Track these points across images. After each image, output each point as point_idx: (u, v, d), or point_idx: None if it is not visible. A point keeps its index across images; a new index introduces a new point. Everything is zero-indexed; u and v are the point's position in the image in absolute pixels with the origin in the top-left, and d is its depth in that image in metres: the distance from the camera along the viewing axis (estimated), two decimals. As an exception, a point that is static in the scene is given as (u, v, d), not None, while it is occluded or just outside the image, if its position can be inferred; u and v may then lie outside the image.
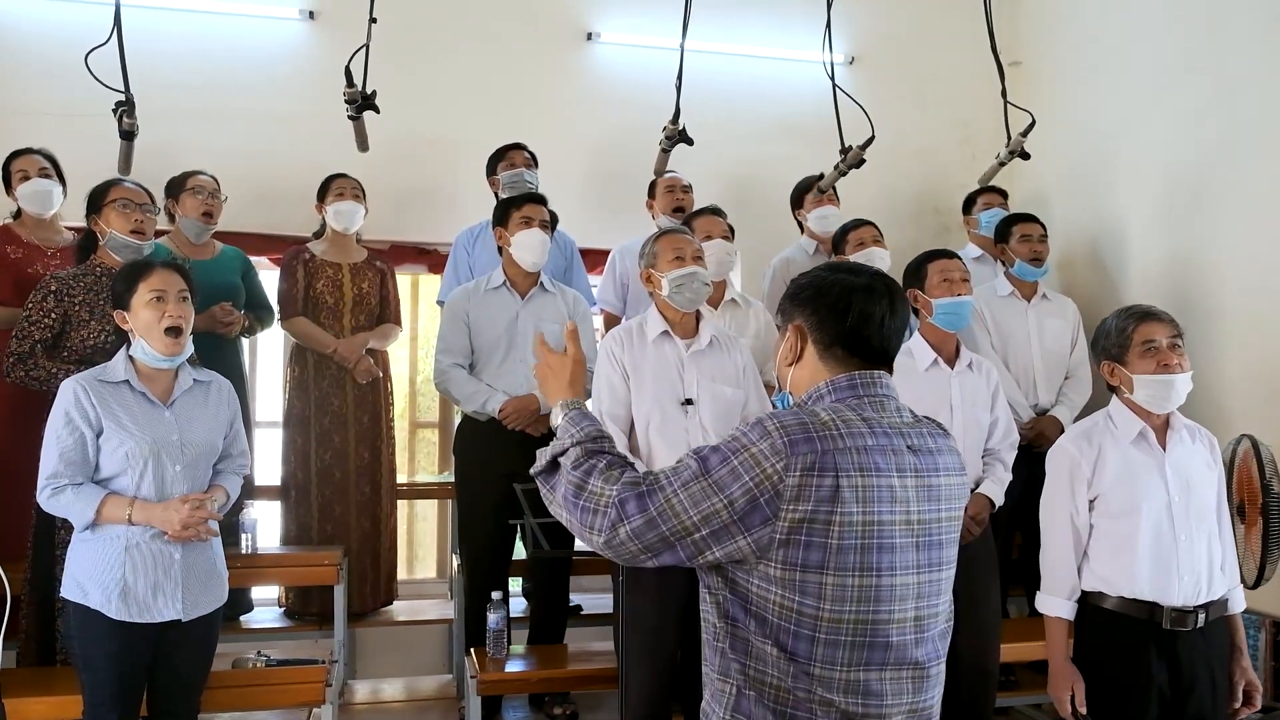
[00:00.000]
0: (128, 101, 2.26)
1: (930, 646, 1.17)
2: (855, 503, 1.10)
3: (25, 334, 2.32)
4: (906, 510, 1.14)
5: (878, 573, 1.11)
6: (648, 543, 1.13)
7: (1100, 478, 1.91)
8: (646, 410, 2.24)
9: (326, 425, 2.97)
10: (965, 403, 2.34)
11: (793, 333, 1.24)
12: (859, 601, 1.11)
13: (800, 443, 1.10)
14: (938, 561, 1.18)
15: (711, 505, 1.10)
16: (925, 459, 1.18)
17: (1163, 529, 1.87)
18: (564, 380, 1.30)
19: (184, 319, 2.00)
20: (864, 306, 1.20)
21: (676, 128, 2.64)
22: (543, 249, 2.67)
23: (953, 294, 2.34)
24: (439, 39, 3.43)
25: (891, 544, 1.12)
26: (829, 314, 1.20)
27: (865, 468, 1.12)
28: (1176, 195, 3.03)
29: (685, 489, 1.12)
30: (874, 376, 1.20)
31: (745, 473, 1.10)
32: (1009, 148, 2.68)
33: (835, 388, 1.20)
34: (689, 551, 1.12)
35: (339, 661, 2.65)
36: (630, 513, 1.12)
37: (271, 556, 2.78)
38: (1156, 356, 1.87)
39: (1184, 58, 3.00)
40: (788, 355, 1.24)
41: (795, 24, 3.58)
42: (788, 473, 1.09)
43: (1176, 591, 1.85)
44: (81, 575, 1.95)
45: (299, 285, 2.95)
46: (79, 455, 1.94)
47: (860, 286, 1.21)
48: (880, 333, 1.20)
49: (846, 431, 1.13)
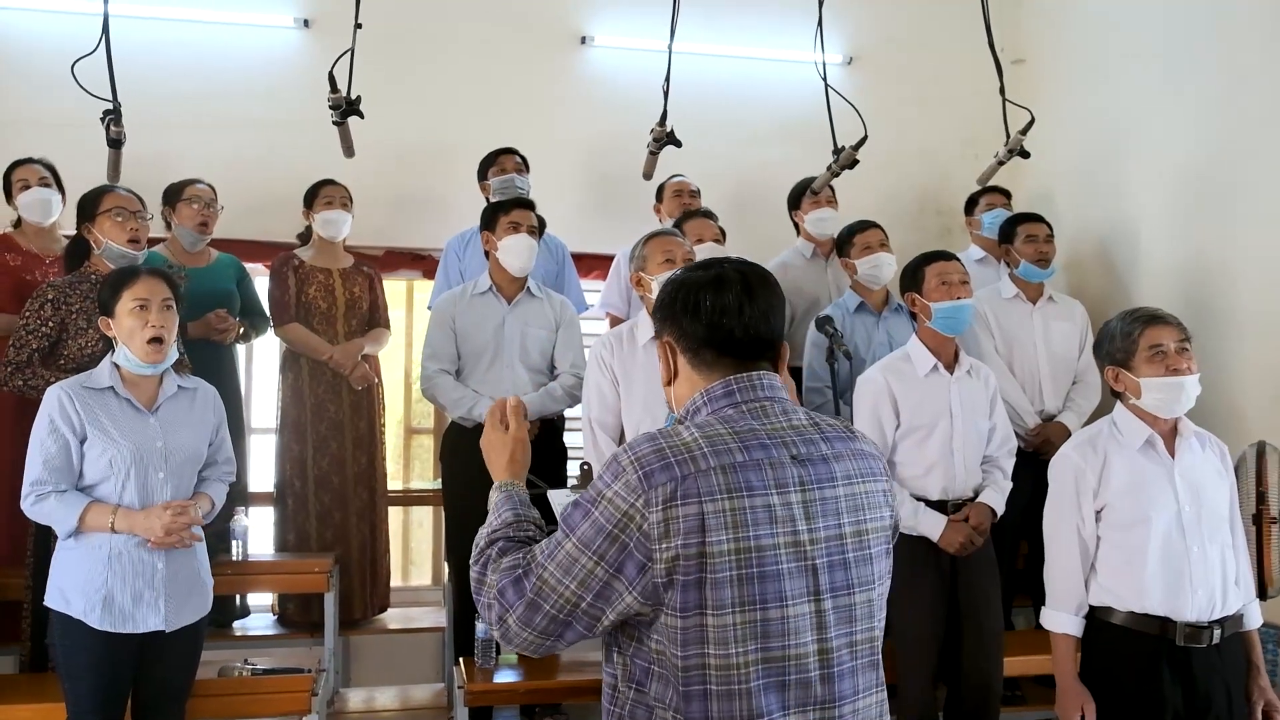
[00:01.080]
0: (115, 110, 2.27)
1: (846, 682, 1.05)
2: (723, 529, 1.00)
3: (22, 342, 2.32)
4: (793, 531, 1.03)
5: (762, 605, 1.00)
6: (539, 627, 1.04)
7: (1107, 487, 1.84)
8: (637, 418, 2.21)
9: (324, 431, 2.96)
10: (965, 409, 2.28)
11: (662, 349, 1.16)
12: (744, 640, 1.00)
13: (656, 473, 1.01)
14: (846, 584, 1.06)
15: (583, 567, 1.02)
16: (816, 468, 1.06)
17: (1173, 540, 1.80)
18: (504, 459, 1.22)
19: (166, 328, 2.00)
20: (715, 299, 1.10)
21: (664, 130, 2.61)
22: (530, 254, 2.64)
23: (951, 297, 2.27)
24: (431, 44, 3.42)
25: (776, 571, 1.01)
26: (685, 317, 1.12)
27: (733, 488, 1.01)
28: (1186, 193, 2.95)
29: (552, 559, 1.04)
30: (751, 379, 1.10)
31: (607, 521, 1.02)
32: (1008, 146, 2.63)
33: (710, 398, 1.10)
34: (585, 623, 1.04)
35: (327, 670, 2.63)
36: (511, 600, 1.05)
37: (262, 564, 2.77)
38: (1164, 361, 1.80)
39: (1191, 52, 2.92)
40: (664, 374, 1.16)
41: (792, 25, 3.51)
42: (649, 509, 1.00)
43: (1190, 606, 1.78)
44: (64, 583, 1.95)
45: (290, 291, 2.95)
46: (63, 462, 1.94)
47: (708, 280, 1.12)
48: (741, 321, 1.10)
49: (710, 450, 1.03)
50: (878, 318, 2.82)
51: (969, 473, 2.29)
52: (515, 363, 2.64)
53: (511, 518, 1.15)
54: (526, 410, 1.28)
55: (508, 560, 1.08)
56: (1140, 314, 1.87)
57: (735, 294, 1.11)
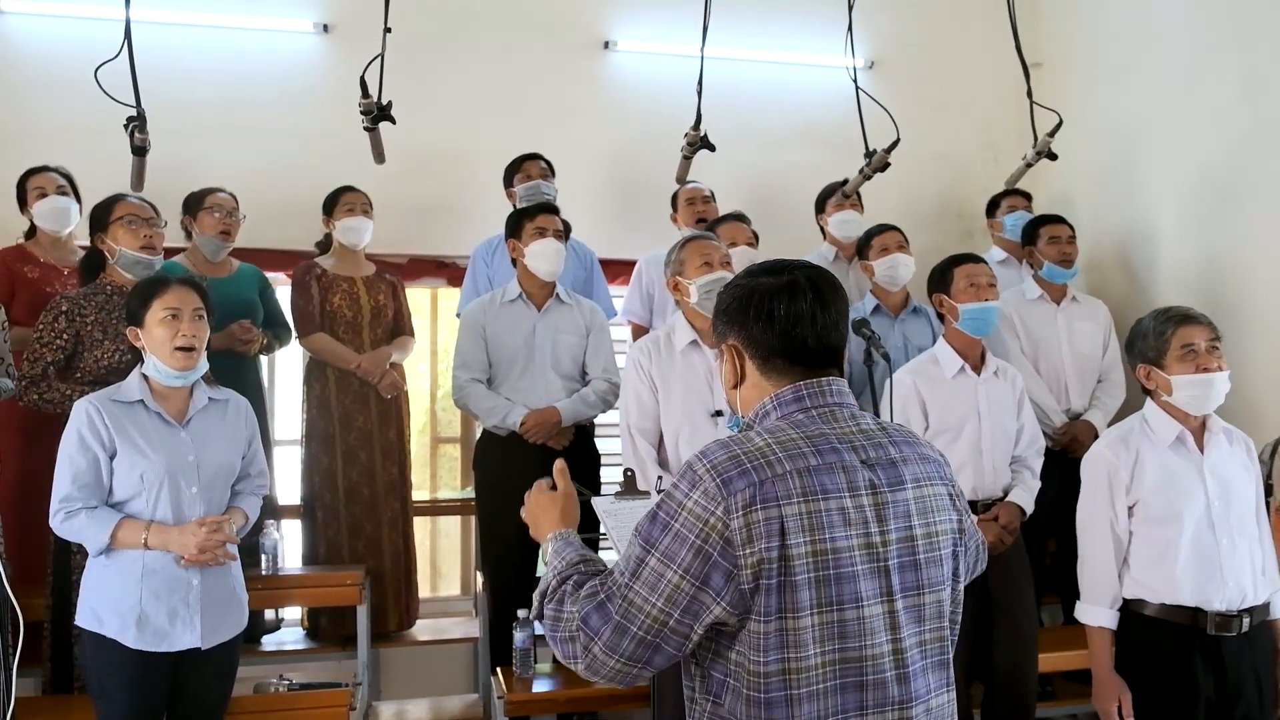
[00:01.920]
0: (139, 116, 2.24)
1: (919, 681, 1.06)
2: (801, 532, 1.00)
3: (37, 356, 2.28)
4: (866, 533, 1.03)
5: (839, 606, 1.01)
6: (627, 653, 1.02)
7: (1139, 483, 1.89)
8: (676, 423, 2.19)
9: (352, 442, 2.92)
10: (992, 410, 2.30)
11: (728, 353, 1.15)
12: (822, 641, 1.00)
13: (734, 479, 1.01)
14: (916, 585, 1.06)
15: (669, 582, 1.00)
16: (886, 472, 1.07)
17: (1204, 534, 1.86)
18: (554, 515, 1.21)
19: (198, 338, 1.97)
20: (789, 307, 1.10)
21: (698, 134, 2.59)
22: (558, 258, 2.62)
23: (979, 299, 2.30)
24: (454, 50, 3.40)
25: (851, 572, 1.02)
26: (756, 325, 1.11)
27: (809, 492, 1.02)
28: (1206, 194, 2.96)
29: (637, 578, 1.02)
30: (821, 385, 1.11)
31: (690, 533, 1.01)
32: (1036, 148, 2.63)
33: (780, 403, 1.10)
34: (675, 643, 1.02)
35: (363, 684, 2.59)
36: (596, 627, 1.03)
37: (293, 578, 2.74)
38: (1195, 360, 1.86)
39: (1210, 54, 2.93)
40: (730, 378, 1.15)
41: (814, 29, 3.54)
42: (730, 516, 1.00)
43: (1220, 597, 1.84)
44: (96, 602, 1.91)
45: (315, 300, 2.91)
46: (92, 478, 1.90)
47: (780, 287, 1.11)
48: (815, 330, 1.10)
49: (784, 455, 1.03)
50: (894, 320, 2.82)
51: (998, 472, 2.31)
52: (547, 369, 2.62)
53: (577, 558, 1.14)
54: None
55: (587, 588, 1.07)
56: (1173, 314, 1.92)
57: (809, 302, 1.10)
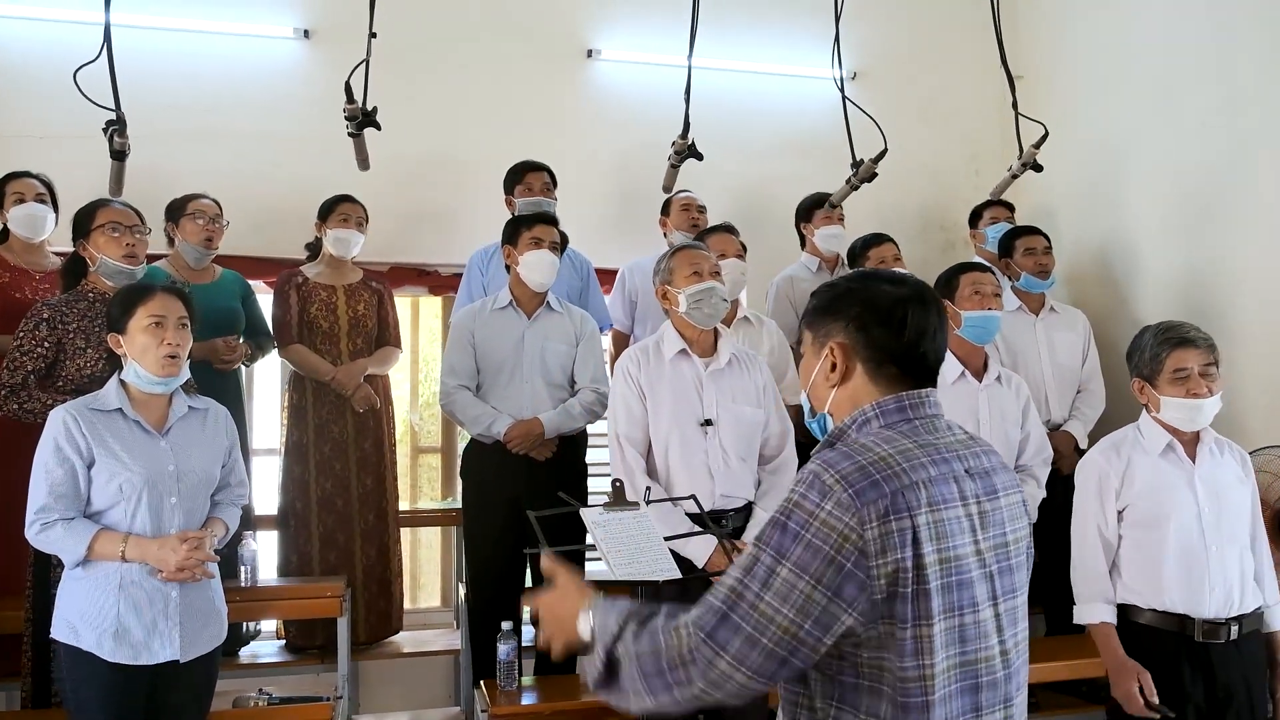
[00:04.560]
0: (119, 120, 2.21)
1: (1018, 679, 1.11)
2: (930, 540, 1.02)
3: (17, 364, 2.22)
4: (975, 540, 1.07)
5: (960, 611, 1.04)
6: (755, 665, 1.00)
7: (1129, 488, 1.95)
8: (665, 432, 2.19)
9: (327, 453, 2.89)
10: (994, 417, 2.33)
11: (836, 350, 1.12)
12: (948, 646, 1.03)
13: (866, 490, 1.01)
14: (1012, 588, 1.11)
15: (802, 593, 0.99)
16: (983, 481, 1.11)
17: (1192, 540, 1.90)
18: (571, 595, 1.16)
19: (181, 347, 1.93)
20: (919, 320, 1.10)
21: (686, 142, 2.60)
22: (550, 270, 2.61)
23: (983, 307, 2.33)
24: (435, 58, 3.38)
25: (969, 578, 1.05)
26: (880, 329, 1.10)
27: (934, 502, 1.04)
28: (1187, 205, 3.01)
29: (768, 588, 1.00)
30: (923, 396, 1.12)
31: (823, 543, 1.00)
32: (1021, 160, 2.67)
33: (883, 411, 1.10)
34: (805, 655, 1.00)
35: (344, 697, 2.55)
36: (723, 640, 1.00)
37: (272, 589, 2.68)
38: (1186, 385, 1.91)
39: (1192, 66, 2.98)
40: (830, 376, 1.13)
41: (798, 40, 3.57)
42: (864, 526, 1.00)
43: (1207, 603, 1.88)
44: (73, 615, 1.86)
45: (293, 310, 2.87)
46: (69, 488, 1.86)
47: (911, 297, 1.11)
48: (934, 344, 1.12)
49: (908, 465, 1.05)
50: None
51: None
52: (535, 377, 2.60)
53: (631, 608, 1.09)
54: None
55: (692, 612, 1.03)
56: (1171, 335, 1.95)
57: (934, 318, 1.12)
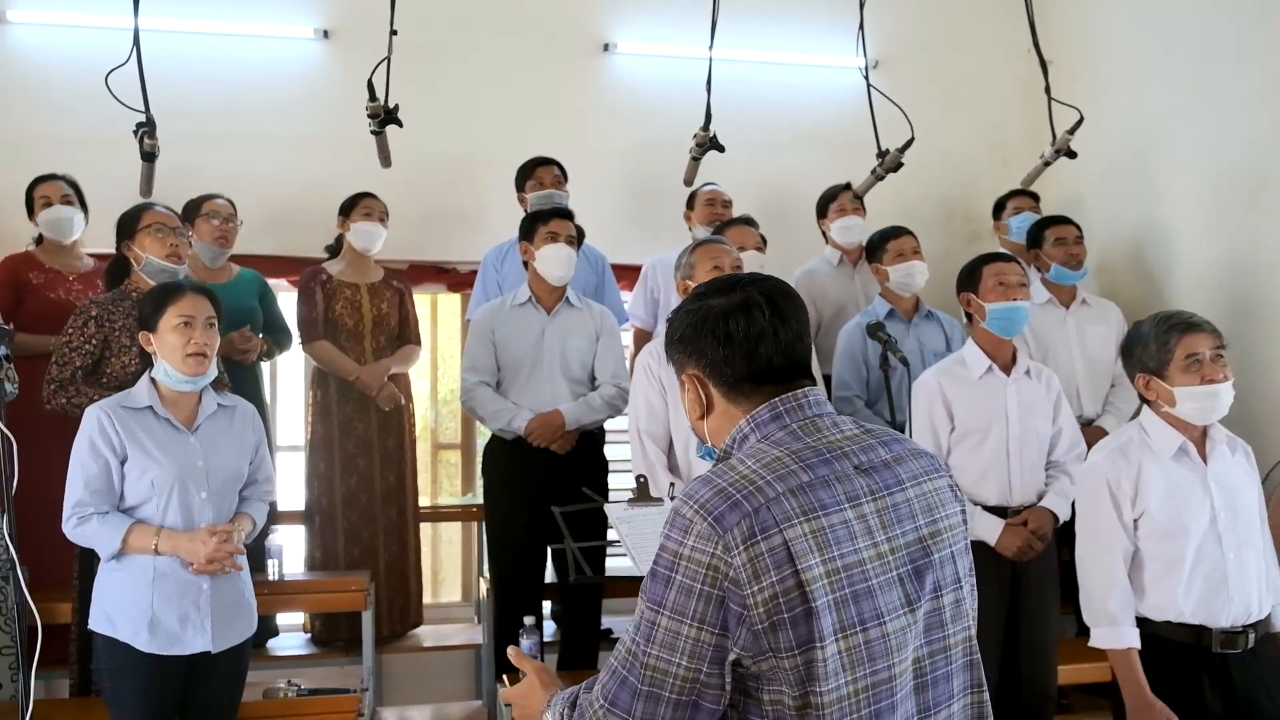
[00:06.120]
0: (148, 122, 2.24)
1: (940, 688, 1.01)
2: (811, 553, 0.94)
3: (66, 360, 2.28)
4: (873, 543, 0.98)
5: (862, 626, 0.95)
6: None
7: (1145, 496, 1.80)
8: (686, 429, 2.18)
9: (351, 450, 2.92)
10: (1023, 412, 2.24)
11: (690, 383, 1.08)
12: (852, 668, 0.94)
13: (726, 513, 0.94)
14: (934, 586, 1.01)
15: (688, 638, 0.94)
16: (880, 475, 1.02)
17: (1210, 548, 1.79)
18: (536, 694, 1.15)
19: (209, 345, 1.98)
20: (745, 326, 1.03)
21: (708, 135, 2.58)
22: (568, 264, 2.61)
23: (1009, 299, 2.23)
24: (451, 56, 3.38)
25: (869, 587, 0.96)
26: (714, 348, 1.04)
27: (808, 510, 0.96)
28: (1227, 193, 2.91)
29: (652, 641, 0.96)
30: (797, 398, 1.04)
31: (694, 580, 0.94)
32: (1055, 146, 2.59)
33: (758, 424, 1.04)
34: (713, 697, 0.95)
35: (369, 689, 2.59)
36: (625, 706, 0.97)
37: (299, 583, 2.72)
38: (1200, 371, 1.78)
39: (1233, 47, 2.86)
40: (695, 408, 1.09)
41: (817, 29, 3.53)
42: (730, 554, 0.93)
43: (1226, 613, 1.77)
44: (109, 606, 1.92)
45: (318, 308, 2.91)
46: (104, 483, 1.91)
47: (734, 306, 1.05)
48: (778, 345, 1.04)
49: (773, 477, 0.97)
50: (908, 324, 2.80)
51: (1028, 477, 2.24)
52: (555, 373, 2.61)
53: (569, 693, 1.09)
54: (525, 651, 1.29)
55: (597, 680, 1.02)
56: (1176, 322, 1.83)
57: (767, 318, 1.04)
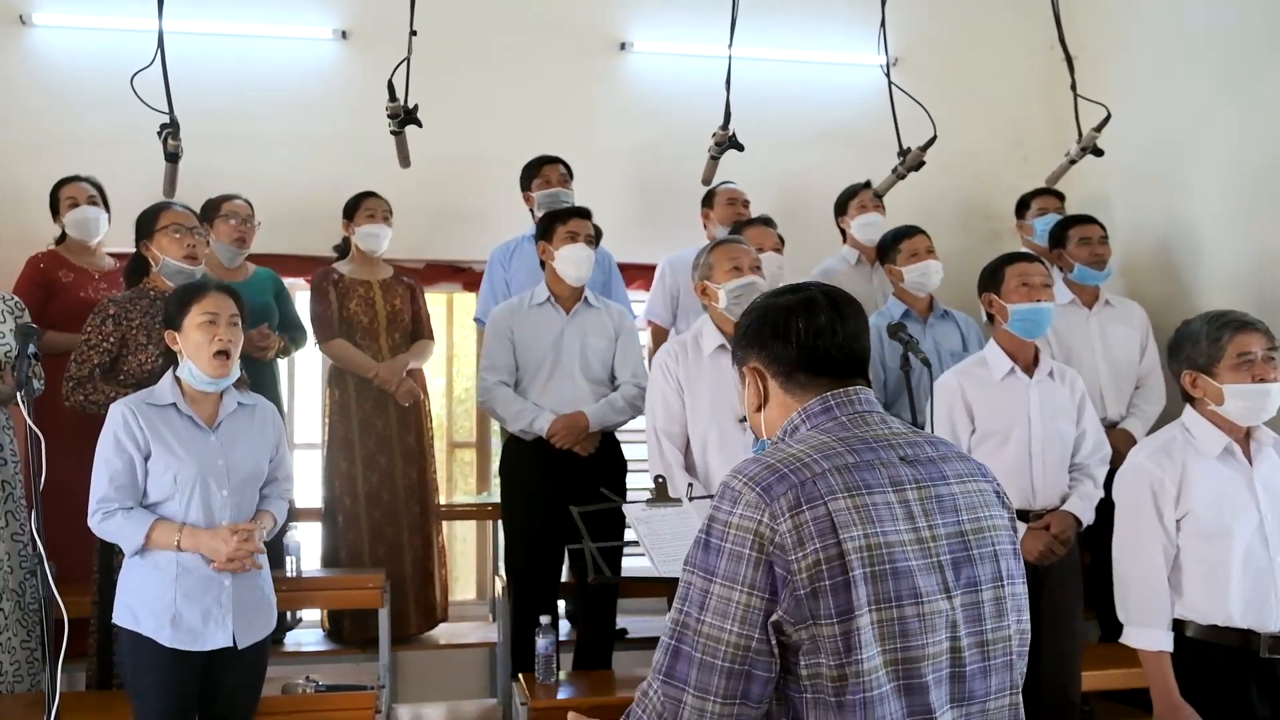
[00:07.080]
0: (172, 123, 2.26)
1: (977, 683, 1.03)
2: (852, 525, 0.98)
3: (84, 358, 2.31)
4: (914, 527, 1.01)
5: (897, 602, 0.98)
6: (720, 690, 0.97)
7: (1189, 496, 1.79)
8: (703, 429, 2.17)
9: (371, 447, 2.93)
10: (1045, 414, 2.21)
11: (750, 375, 1.15)
12: (884, 640, 0.97)
13: (773, 485, 0.99)
14: (973, 581, 1.03)
15: (739, 603, 0.97)
16: (925, 468, 1.06)
17: (1256, 551, 1.76)
18: None
19: (233, 343, 2.00)
20: (808, 322, 1.11)
21: (726, 133, 2.57)
22: (587, 264, 2.61)
23: (1032, 300, 2.20)
24: (468, 56, 3.38)
25: (906, 568, 0.99)
26: (776, 342, 1.12)
27: (852, 486, 1.00)
28: (1256, 191, 2.85)
29: (705, 608, 0.98)
30: (849, 393, 1.10)
31: (743, 547, 0.98)
32: (1081, 144, 2.55)
33: (808, 414, 1.10)
34: (764, 664, 0.97)
35: (385, 686, 2.60)
36: (682, 675, 0.98)
37: (316, 580, 2.74)
38: (1252, 369, 1.77)
39: (1263, 42, 2.81)
40: (754, 400, 1.15)
41: (835, 28, 3.50)
42: (776, 521, 0.98)
43: (1274, 617, 1.74)
44: (133, 601, 1.95)
45: (333, 306, 2.92)
46: (128, 479, 1.93)
47: (798, 304, 1.13)
48: (836, 341, 1.11)
49: (820, 456, 1.02)
50: (924, 325, 2.78)
51: (1051, 480, 2.21)
52: (575, 373, 2.60)
53: None
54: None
55: (653, 660, 1.02)
56: (1229, 320, 1.82)
57: (827, 315, 1.12)
